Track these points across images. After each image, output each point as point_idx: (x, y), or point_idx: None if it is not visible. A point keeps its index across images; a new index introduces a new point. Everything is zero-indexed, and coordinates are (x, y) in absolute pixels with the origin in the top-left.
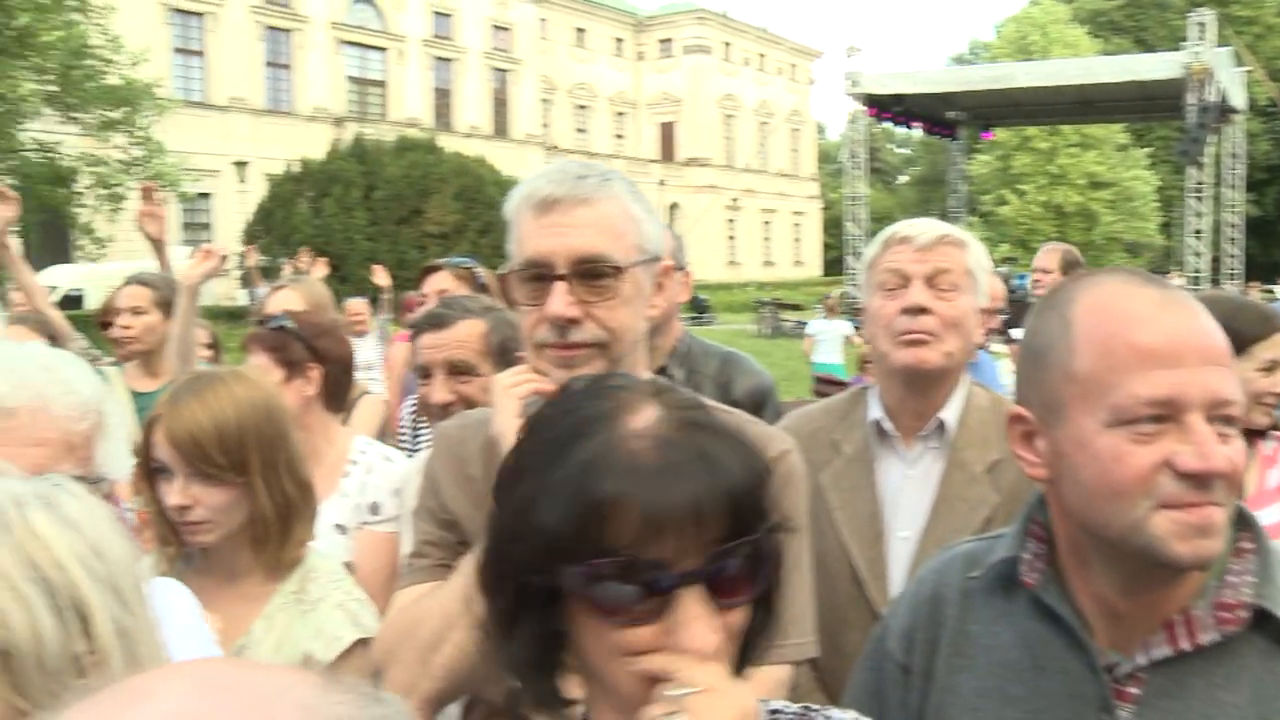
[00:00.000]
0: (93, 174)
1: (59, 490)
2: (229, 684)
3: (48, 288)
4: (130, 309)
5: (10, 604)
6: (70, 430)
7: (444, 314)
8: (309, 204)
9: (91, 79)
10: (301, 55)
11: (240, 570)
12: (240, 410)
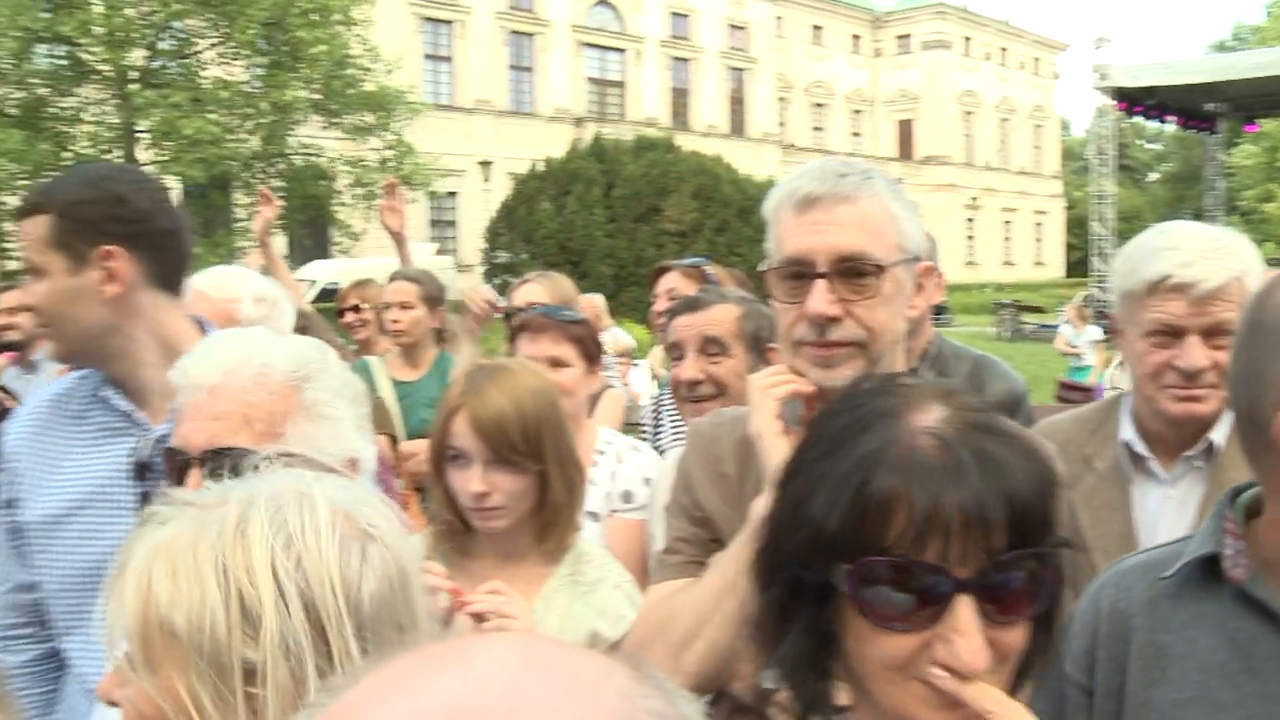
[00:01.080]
0: (350, 174)
1: (302, 497)
2: (552, 661)
3: (307, 281)
4: (399, 303)
5: (189, 590)
6: (249, 403)
7: (701, 297)
8: (550, 202)
9: (351, 86)
10: (543, 58)
11: (517, 554)
12: (536, 399)
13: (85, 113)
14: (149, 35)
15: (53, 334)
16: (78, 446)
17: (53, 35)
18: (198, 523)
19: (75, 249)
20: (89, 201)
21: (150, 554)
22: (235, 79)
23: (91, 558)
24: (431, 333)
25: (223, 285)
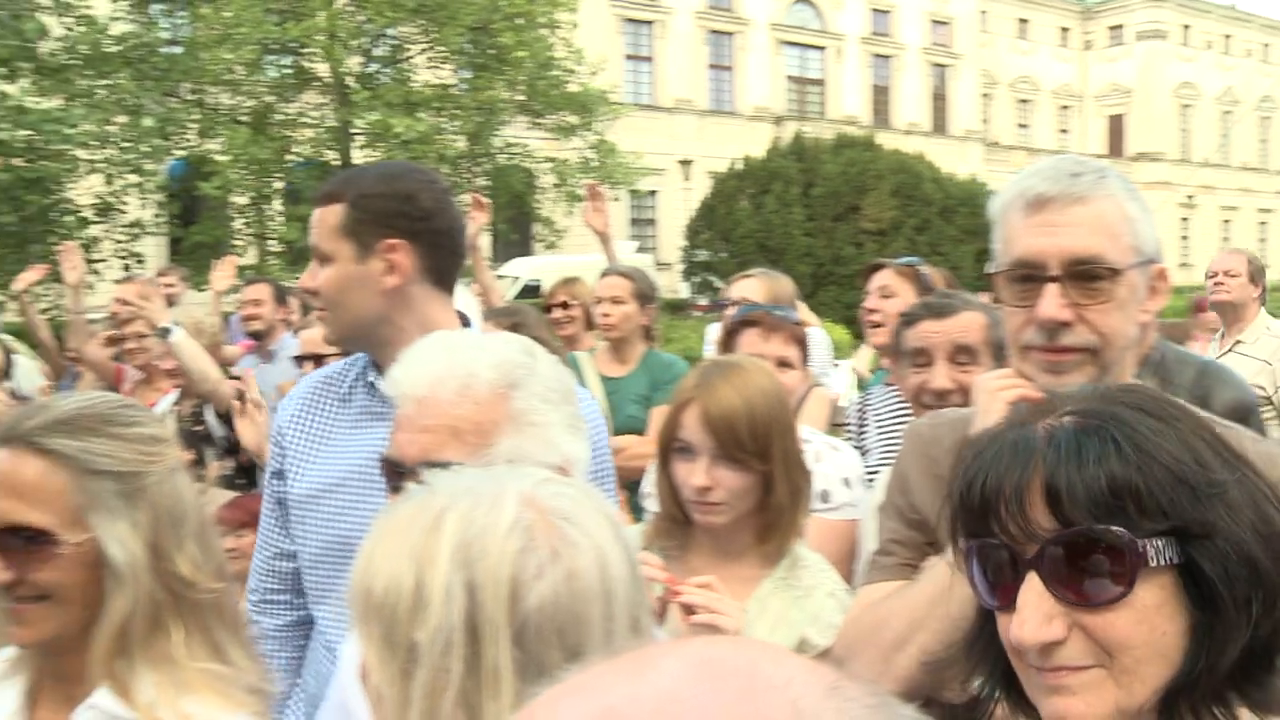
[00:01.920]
0: (553, 173)
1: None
2: (727, 669)
3: (510, 278)
4: (610, 298)
5: (388, 563)
6: (456, 416)
7: (945, 303)
8: (749, 201)
9: (555, 88)
10: (742, 57)
11: (735, 552)
12: (767, 399)
13: (305, 117)
14: (365, 43)
15: (330, 317)
16: (342, 427)
17: (280, 46)
18: (417, 506)
19: (363, 239)
20: (380, 195)
21: (380, 529)
22: (443, 82)
23: (345, 532)
24: (640, 329)
25: None
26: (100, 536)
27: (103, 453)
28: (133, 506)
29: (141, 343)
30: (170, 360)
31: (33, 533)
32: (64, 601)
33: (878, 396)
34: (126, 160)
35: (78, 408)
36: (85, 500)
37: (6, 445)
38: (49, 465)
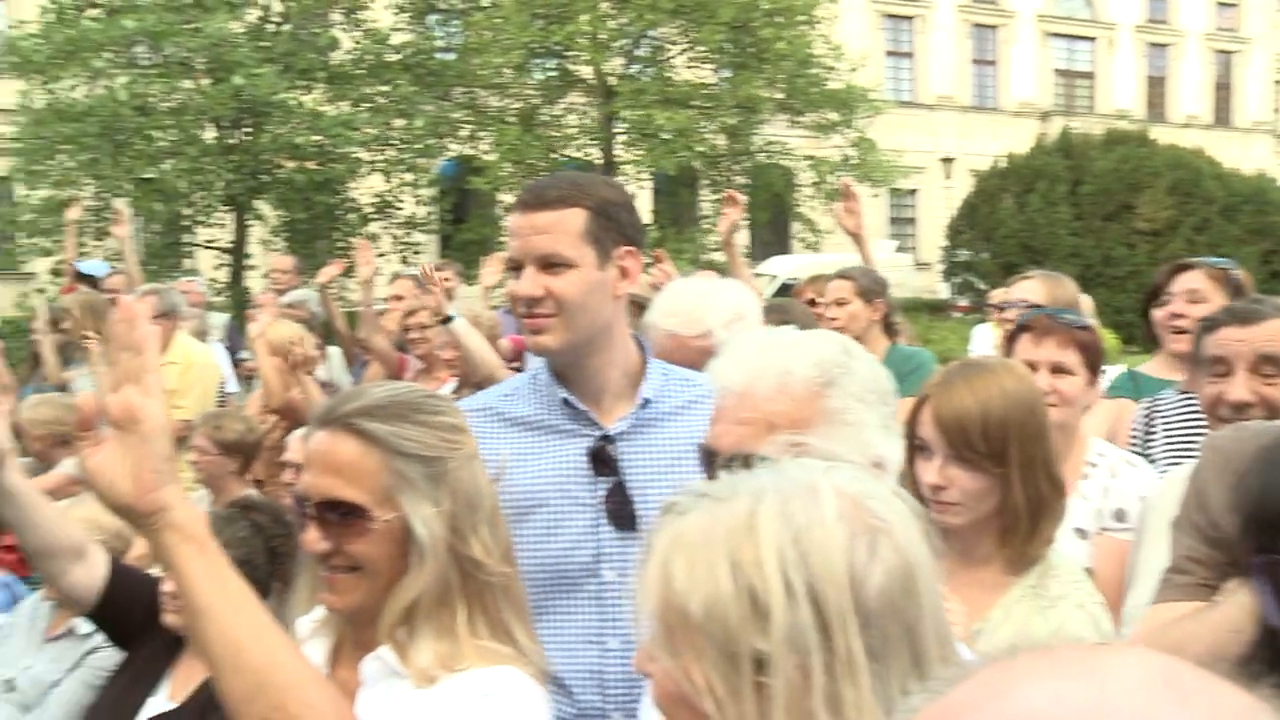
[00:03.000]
0: (812, 171)
1: (809, 489)
2: (1193, 690)
3: (767, 276)
4: (834, 300)
5: (704, 581)
6: (773, 411)
7: (1251, 309)
8: (1013, 200)
9: (815, 85)
10: (1007, 50)
11: (979, 557)
12: (1007, 401)
13: (569, 117)
14: (626, 45)
15: (564, 323)
16: (530, 444)
17: (545, 50)
18: (711, 515)
19: (603, 245)
20: (617, 203)
21: (670, 543)
22: (703, 81)
23: (554, 552)
24: (875, 325)
25: (691, 319)
26: (407, 515)
27: (411, 437)
28: (436, 489)
29: (424, 333)
30: (449, 350)
31: (349, 508)
32: (371, 573)
33: (1168, 402)
34: (402, 160)
35: (389, 395)
36: (395, 481)
37: (327, 427)
38: (364, 447)
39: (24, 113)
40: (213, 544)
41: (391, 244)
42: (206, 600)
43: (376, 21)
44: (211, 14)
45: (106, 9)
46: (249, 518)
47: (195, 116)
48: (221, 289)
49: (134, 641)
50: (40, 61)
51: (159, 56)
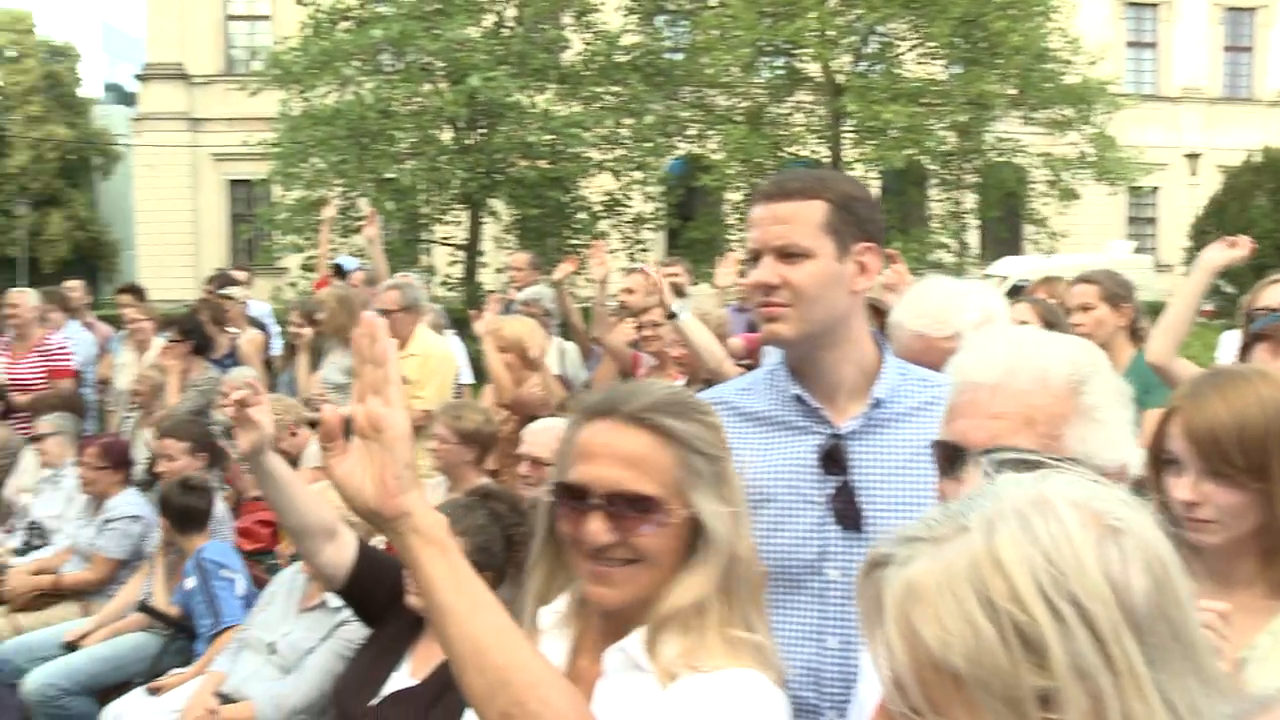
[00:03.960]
0: (1046, 169)
1: (1041, 504)
2: None
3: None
4: (1079, 306)
5: (959, 630)
6: (1031, 405)
7: None
8: (1268, 197)
9: (1050, 80)
10: (1264, 35)
11: (1240, 580)
12: (1266, 412)
13: (796, 115)
14: (854, 41)
15: (798, 314)
16: (762, 439)
17: (773, 48)
18: (940, 557)
19: (843, 239)
20: (859, 198)
21: (904, 598)
22: (933, 77)
23: (779, 548)
24: (1121, 331)
25: (939, 320)
26: (699, 511)
27: (698, 435)
28: (720, 486)
29: (655, 330)
30: (679, 348)
31: (642, 500)
32: (652, 567)
33: None
34: (631, 158)
35: (670, 393)
36: (686, 476)
37: (611, 419)
38: (658, 441)
39: (283, 120)
40: (453, 547)
41: (620, 241)
42: (448, 601)
43: (606, 24)
44: (450, 20)
45: (357, 20)
46: (487, 506)
47: (434, 118)
48: (455, 285)
49: (379, 619)
50: (298, 72)
51: (402, 62)
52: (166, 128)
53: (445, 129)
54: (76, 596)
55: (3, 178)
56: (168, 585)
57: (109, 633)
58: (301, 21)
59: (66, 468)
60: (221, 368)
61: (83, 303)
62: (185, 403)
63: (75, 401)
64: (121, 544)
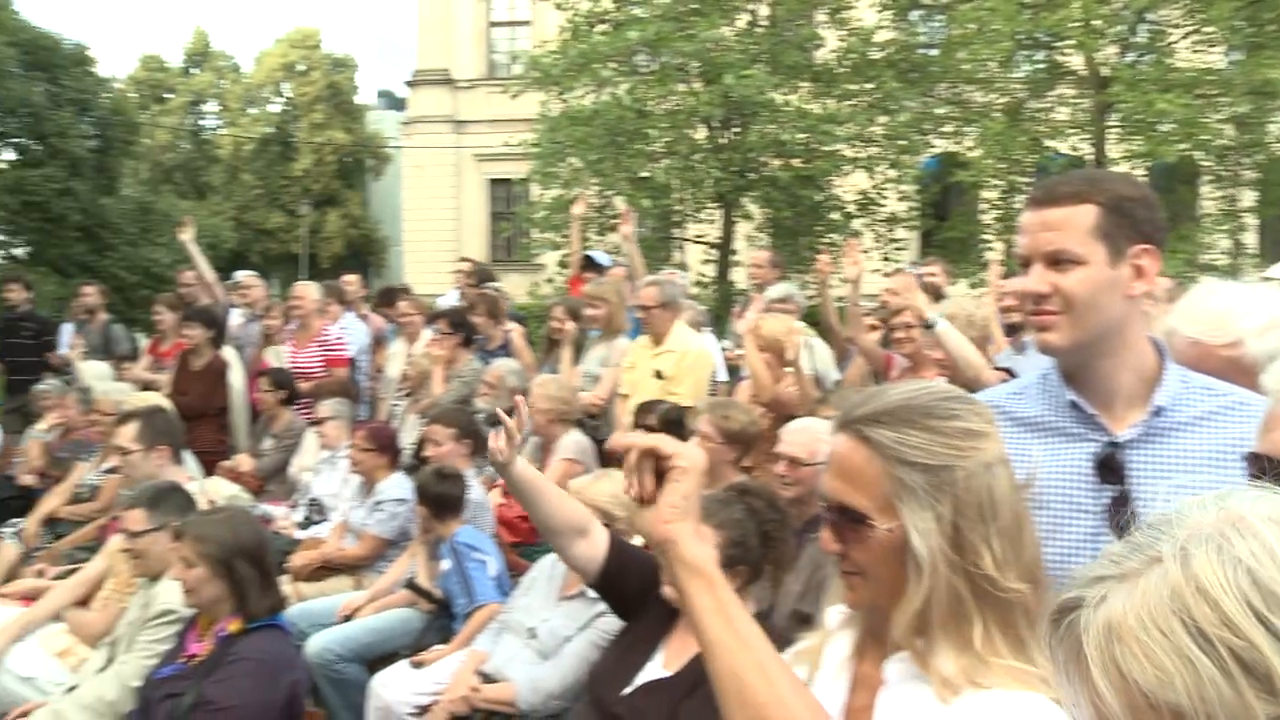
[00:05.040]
0: None
1: (1233, 521)
2: None
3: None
4: None
5: (1174, 666)
6: None
7: None
8: None
9: None
10: None
11: None
12: None
13: (1057, 110)
14: (1122, 31)
15: (1071, 322)
16: (1037, 444)
17: (1033, 41)
18: (1135, 593)
19: (1117, 243)
20: (1134, 199)
21: (1104, 641)
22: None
23: (1050, 557)
24: None
25: (1217, 327)
26: (905, 525)
27: (915, 444)
28: (938, 498)
29: (908, 332)
30: (939, 350)
31: (853, 514)
32: (871, 579)
33: None
34: (885, 156)
35: (903, 399)
36: (895, 488)
37: (842, 430)
38: (869, 453)
39: (542, 121)
40: (720, 580)
41: (873, 240)
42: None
43: (860, 20)
44: (704, 20)
45: (613, 23)
46: (744, 501)
47: (688, 117)
48: (708, 283)
49: (632, 612)
50: (557, 75)
51: (657, 63)
52: (433, 130)
53: (699, 128)
54: (349, 571)
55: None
56: (428, 567)
57: (379, 607)
58: (560, 26)
59: (343, 450)
60: (489, 359)
61: (358, 296)
62: (450, 392)
63: (350, 389)
64: (388, 524)
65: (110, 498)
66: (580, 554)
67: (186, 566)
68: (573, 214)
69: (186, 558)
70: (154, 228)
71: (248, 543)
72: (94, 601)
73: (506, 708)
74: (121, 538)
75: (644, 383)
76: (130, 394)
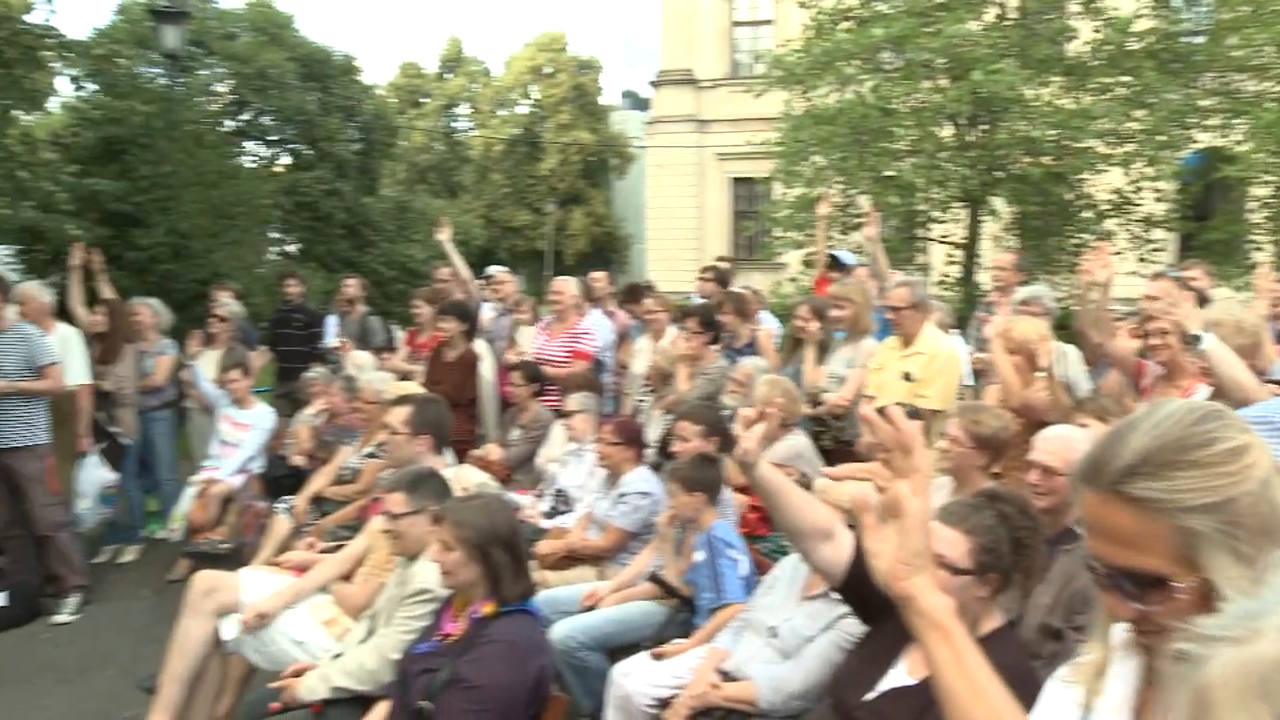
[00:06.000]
0: None
1: None
2: None
3: None
4: None
5: None
6: None
7: None
8: None
9: None
10: None
11: None
12: None
13: None
14: None
15: None
16: None
17: None
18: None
19: None
20: None
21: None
22: None
23: None
24: None
25: None
26: (1210, 575)
27: (1190, 488)
28: (1233, 535)
29: (1164, 339)
30: (1201, 358)
31: (1147, 577)
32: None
33: None
34: (1142, 153)
35: (1151, 441)
36: (1185, 541)
37: (1100, 492)
38: (1141, 513)
39: (785, 120)
40: (958, 631)
41: (1128, 241)
42: (950, 684)
43: (1117, 9)
44: (951, 15)
45: (857, 20)
46: (995, 507)
47: (933, 115)
48: (952, 284)
49: (877, 617)
50: (800, 73)
51: (902, 60)
52: (676, 130)
53: (945, 125)
54: (592, 561)
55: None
56: (674, 561)
57: (621, 598)
58: (803, 24)
59: (589, 443)
60: (735, 357)
61: (605, 292)
62: (696, 389)
63: (596, 383)
64: (632, 517)
65: (370, 480)
66: (825, 557)
67: (445, 549)
68: (818, 213)
69: (446, 541)
70: (410, 225)
71: (503, 530)
72: (356, 576)
73: (747, 706)
74: (383, 518)
75: (891, 384)
76: (390, 383)
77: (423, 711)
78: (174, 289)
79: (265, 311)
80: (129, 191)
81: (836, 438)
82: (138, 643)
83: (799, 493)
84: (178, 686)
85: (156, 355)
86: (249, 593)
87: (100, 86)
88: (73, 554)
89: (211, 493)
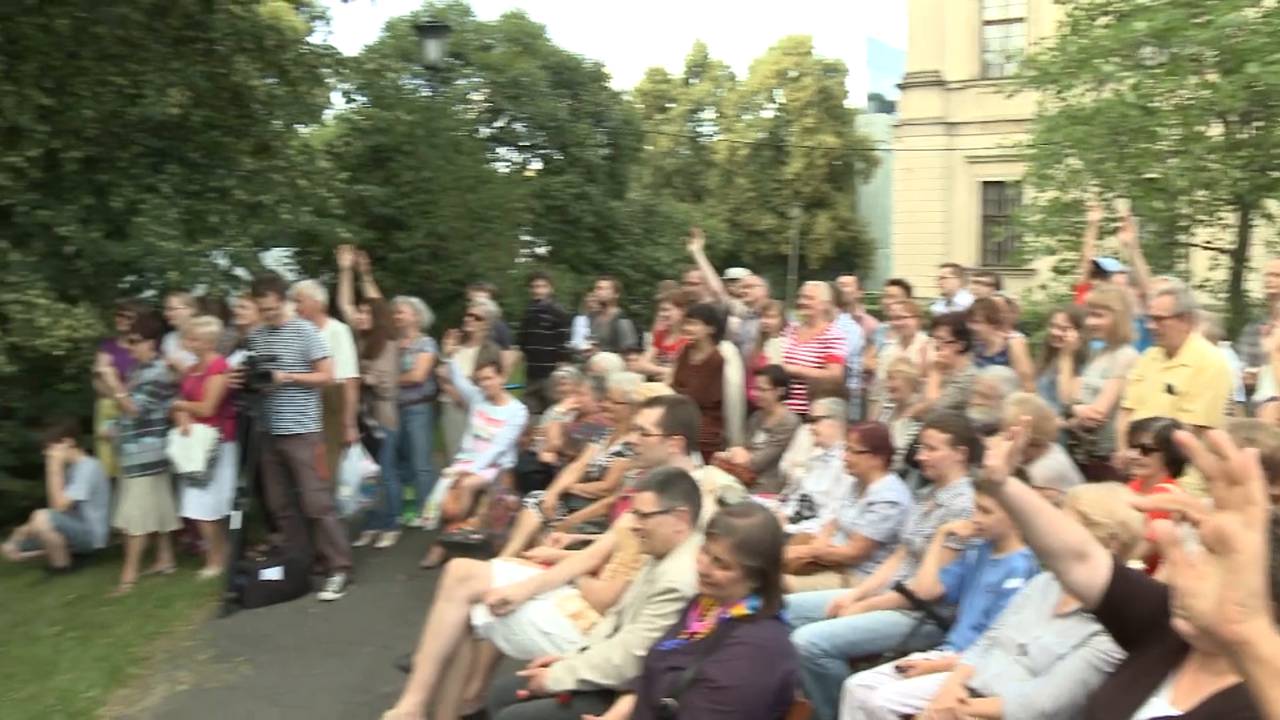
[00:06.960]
0: None
1: None
2: None
3: None
4: None
5: None
6: None
7: None
8: None
9: None
10: None
11: None
12: None
13: None
14: None
15: None
16: None
17: None
18: None
19: None
20: None
21: None
22: None
23: None
24: None
25: None
26: None
27: None
28: None
29: None
30: None
31: None
32: None
33: None
34: None
35: None
36: None
37: None
38: None
39: (1038, 121)
40: None
41: None
42: None
43: None
44: (1224, 3)
45: (1117, 15)
46: (1276, 533)
47: (1201, 112)
48: (1216, 292)
49: (1135, 641)
50: (1054, 72)
51: (1166, 54)
52: (923, 133)
53: (1214, 123)
54: (837, 568)
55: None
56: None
57: (865, 606)
58: (1058, 21)
59: (836, 449)
60: (986, 365)
61: (854, 297)
62: (945, 397)
63: (843, 388)
64: (880, 527)
65: (616, 478)
66: (1079, 579)
67: (721, 567)
68: (1088, 220)
69: (722, 559)
70: (656, 229)
71: (778, 548)
72: (603, 572)
73: None
74: (632, 517)
75: (1153, 397)
76: (638, 384)
77: (666, 708)
78: (432, 289)
79: (518, 311)
80: (393, 196)
81: (1090, 452)
82: (394, 623)
83: (1051, 512)
84: (431, 666)
85: (416, 352)
86: (501, 583)
87: (369, 98)
88: (339, 537)
89: (464, 485)
